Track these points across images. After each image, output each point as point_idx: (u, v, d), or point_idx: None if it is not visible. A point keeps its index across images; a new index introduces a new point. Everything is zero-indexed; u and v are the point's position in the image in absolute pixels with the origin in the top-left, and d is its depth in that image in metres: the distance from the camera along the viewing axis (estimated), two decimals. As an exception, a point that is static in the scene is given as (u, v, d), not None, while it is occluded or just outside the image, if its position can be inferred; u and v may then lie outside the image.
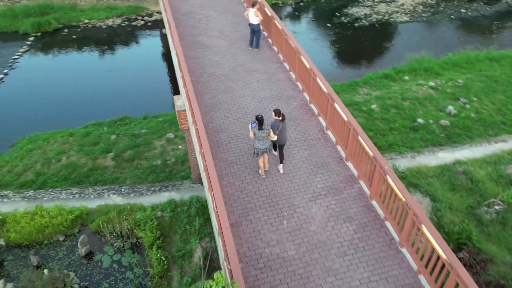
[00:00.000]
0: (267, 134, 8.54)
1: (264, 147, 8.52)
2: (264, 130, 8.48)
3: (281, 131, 8.65)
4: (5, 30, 26.30)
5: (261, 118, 8.42)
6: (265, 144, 8.52)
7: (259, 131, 8.43)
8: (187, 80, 9.11)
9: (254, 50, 12.55)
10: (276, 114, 8.69)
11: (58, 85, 21.26)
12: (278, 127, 8.61)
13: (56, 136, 17.48)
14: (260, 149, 8.54)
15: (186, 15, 14.58)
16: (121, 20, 27.66)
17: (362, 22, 27.68)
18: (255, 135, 8.50)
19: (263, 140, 8.52)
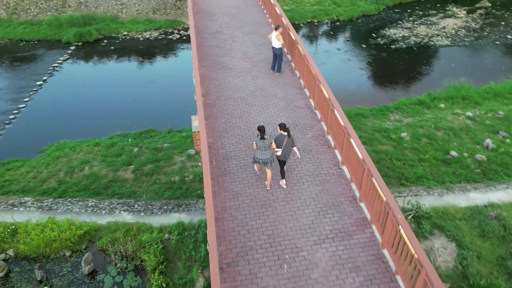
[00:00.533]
0: (268, 144, 8.46)
1: (264, 158, 8.42)
2: (266, 140, 8.40)
3: (285, 147, 8.42)
4: (50, 39, 27.37)
5: (262, 128, 8.39)
6: (266, 155, 8.43)
7: (260, 140, 8.38)
8: (198, 106, 8.75)
9: (275, 74, 12.07)
10: (281, 128, 8.48)
11: (91, 93, 21.71)
12: (282, 142, 8.41)
13: (82, 144, 17.71)
14: (260, 159, 8.47)
15: (212, 34, 14.37)
16: (158, 33, 28.10)
17: (399, 44, 26.58)
18: (257, 145, 8.45)
19: (265, 151, 8.44)
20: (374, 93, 21.85)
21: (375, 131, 17.64)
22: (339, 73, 23.47)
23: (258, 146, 8.40)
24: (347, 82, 22.64)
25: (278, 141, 8.46)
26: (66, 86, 22.48)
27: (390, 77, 23.35)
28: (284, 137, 8.42)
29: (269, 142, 8.46)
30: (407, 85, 22.63)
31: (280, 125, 8.53)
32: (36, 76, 23.35)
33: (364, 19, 30.45)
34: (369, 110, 19.51)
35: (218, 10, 16.27)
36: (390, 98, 21.29)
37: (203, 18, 15.25)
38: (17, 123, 19.69)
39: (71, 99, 21.28)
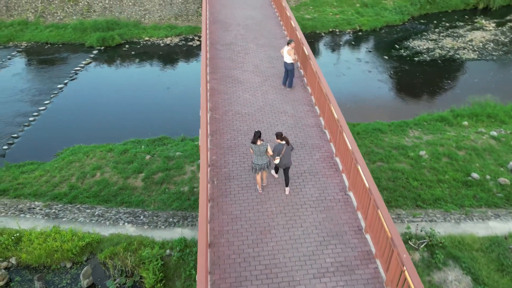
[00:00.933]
0: (264, 150, 8.44)
1: (261, 163, 8.43)
2: (260, 146, 8.36)
3: (284, 155, 8.36)
4: (74, 42, 27.77)
5: (257, 133, 8.39)
6: (262, 160, 8.45)
7: (255, 146, 8.37)
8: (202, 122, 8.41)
9: (286, 89, 11.64)
10: (278, 137, 8.47)
11: (109, 98, 21.81)
12: (280, 151, 8.36)
13: (96, 150, 17.71)
14: (257, 165, 8.47)
15: (226, 46, 14.06)
16: (178, 39, 28.10)
17: (423, 57, 25.64)
18: (253, 150, 8.44)
19: (261, 156, 8.43)
20: (394, 107, 21.05)
21: (393, 148, 16.91)
22: (358, 84, 22.79)
23: (254, 151, 8.44)
24: (366, 94, 21.94)
25: (277, 150, 8.41)
26: (85, 90, 22.68)
27: (412, 90, 22.47)
28: (282, 146, 8.38)
29: (264, 148, 8.45)
30: (429, 100, 21.71)
31: (276, 135, 8.47)
32: (58, 79, 23.67)
33: (388, 30, 29.60)
34: (387, 125, 18.77)
35: (234, 20, 15.97)
36: (411, 113, 20.44)
37: (218, 29, 14.97)
38: (36, 125, 19.93)
39: (89, 103, 21.43)
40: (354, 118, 19.99)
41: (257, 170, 8.48)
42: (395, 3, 31.63)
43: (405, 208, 14.00)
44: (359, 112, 20.59)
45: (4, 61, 25.73)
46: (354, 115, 20.33)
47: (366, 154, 16.57)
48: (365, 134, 18.08)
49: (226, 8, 17.32)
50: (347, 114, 20.43)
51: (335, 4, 31.75)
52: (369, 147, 17.04)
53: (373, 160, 16.14)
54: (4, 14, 29.79)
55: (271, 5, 17.77)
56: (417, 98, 21.85)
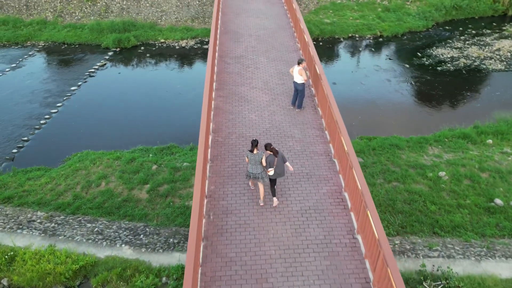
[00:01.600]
0: (259, 159, 8.40)
1: (255, 172, 8.42)
2: (256, 155, 8.34)
3: (277, 166, 8.36)
4: (90, 43, 27.46)
5: (254, 142, 8.35)
6: (257, 169, 8.42)
7: (251, 154, 8.33)
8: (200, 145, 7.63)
9: (295, 110, 10.72)
10: (266, 149, 8.43)
11: (121, 102, 21.32)
12: (272, 162, 8.35)
13: (103, 157, 17.21)
14: (251, 173, 8.50)
15: (235, 59, 13.20)
16: (194, 42, 27.42)
17: (446, 66, 24.19)
18: (248, 158, 8.43)
19: (255, 165, 8.42)
20: (413, 120, 19.81)
21: (410, 167, 15.80)
22: (376, 94, 21.61)
23: (249, 159, 8.40)
24: (384, 105, 20.76)
25: (269, 162, 8.40)
26: (98, 93, 22.27)
27: (433, 103, 21.16)
28: (273, 158, 8.40)
29: (260, 157, 8.39)
30: (452, 113, 20.35)
31: (265, 146, 8.46)
32: (72, 81, 23.35)
33: (410, 36, 28.17)
34: (405, 141, 17.62)
35: (246, 31, 15.06)
36: (431, 128, 19.20)
37: (229, 40, 14.10)
38: (47, 129, 19.61)
39: (100, 107, 20.99)
40: (370, 131, 18.92)
41: (250, 177, 8.53)
42: (419, 8, 30.11)
43: (421, 236, 12.95)
44: (376, 124, 19.47)
45: (20, 60, 25.60)
46: (370, 127, 19.25)
47: (381, 172, 15.53)
48: (381, 150, 17.00)
49: (239, 16, 16.37)
50: (364, 126, 19.42)
51: (355, 8, 30.46)
52: (385, 164, 15.97)
53: (388, 179, 15.08)
54: (24, 13, 29.74)
55: (286, 14, 16.75)
56: (439, 111, 20.53)
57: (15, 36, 27.82)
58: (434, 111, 20.57)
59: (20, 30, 28.43)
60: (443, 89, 22.22)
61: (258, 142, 8.38)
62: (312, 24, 28.04)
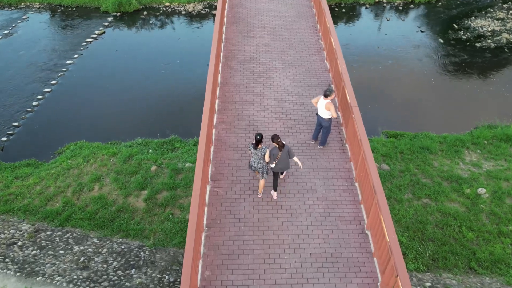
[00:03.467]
0: (262, 154, 8.09)
1: (257, 166, 8.17)
2: (259, 150, 8.03)
3: (280, 160, 7.82)
4: (89, 6, 24.18)
5: (259, 138, 7.87)
6: (259, 164, 8.15)
7: (254, 150, 8.03)
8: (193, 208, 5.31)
9: (317, 147, 8.10)
10: (273, 141, 7.79)
11: (120, 80, 18.67)
12: (276, 155, 7.85)
13: (98, 152, 15.03)
14: (253, 166, 8.28)
15: (244, 63, 10.24)
16: (202, 6, 23.87)
17: (486, 42, 20.55)
18: (251, 152, 8.15)
19: (258, 160, 8.16)
20: (446, 113, 16.85)
21: (444, 179, 13.29)
22: (405, 77, 18.46)
23: (252, 153, 8.12)
24: (413, 91, 17.72)
25: (272, 155, 7.91)
26: (94, 69, 19.55)
27: (471, 90, 17.98)
28: (277, 151, 7.88)
29: (263, 152, 8.04)
30: (492, 105, 17.25)
31: (272, 137, 7.83)
32: (68, 53, 20.57)
33: (446, 2, 24.05)
34: (438, 141, 14.91)
35: (259, 20, 11.82)
36: (468, 122, 16.32)
37: (237, 33, 10.99)
38: (39, 112, 17.30)
39: (97, 87, 18.41)
40: (397, 124, 16.18)
41: (252, 170, 8.20)
42: (457, -33, 25.49)
43: (455, 272, 10.82)
44: (403, 116, 16.65)
45: (14, 26, 22.67)
46: (398, 119, 16.46)
47: (410, 185, 13.09)
48: (409, 154, 14.39)
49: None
50: (389, 118, 16.59)
51: (384, -33, 25.95)
52: (414, 174, 13.47)
53: (418, 195, 12.69)
54: (16, -31, 26.10)
55: None
56: (476, 101, 17.44)
57: (7, -4, 24.59)
58: (471, 100, 17.49)
59: (13, -11, 25.07)
60: (481, 71, 18.89)
61: (262, 137, 7.76)
62: (334, -14, 24.03)
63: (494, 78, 18.54)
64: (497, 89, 17.93)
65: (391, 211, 12.31)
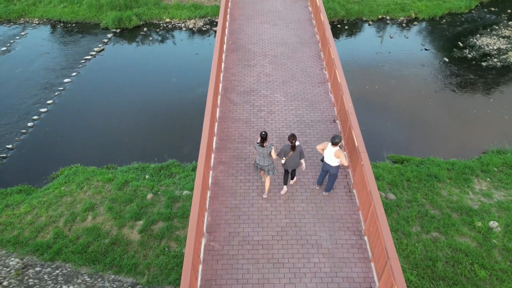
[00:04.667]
0: (268, 152, 8.06)
1: (262, 164, 8.11)
2: (265, 148, 7.98)
3: (290, 158, 7.89)
4: (88, 21, 23.61)
5: (264, 135, 7.91)
6: (264, 162, 8.12)
7: (260, 147, 7.96)
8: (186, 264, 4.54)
9: (322, 193, 7.34)
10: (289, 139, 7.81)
11: (119, 99, 17.95)
12: (287, 153, 7.93)
13: (93, 178, 14.29)
14: (258, 164, 8.20)
15: (244, 96, 9.49)
16: (203, 23, 23.25)
17: (492, 61, 19.83)
18: (257, 150, 8.07)
19: (263, 158, 8.13)
20: (453, 136, 16.08)
21: (453, 210, 12.49)
22: (410, 98, 17.71)
23: (258, 151, 8.05)
24: (419, 112, 16.96)
25: (283, 151, 7.97)
26: (93, 87, 18.88)
27: (477, 111, 17.21)
28: (288, 149, 7.91)
29: (268, 150, 8.00)
30: (500, 128, 16.47)
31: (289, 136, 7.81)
32: (65, 71, 19.93)
33: (450, 19, 23.37)
34: (445, 168, 14.12)
35: (260, 48, 11.07)
36: (476, 147, 15.53)
37: (237, 62, 10.24)
38: (34, 134, 16.59)
39: (95, 106, 17.71)
40: (403, 148, 15.40)
41: (257, 168, 8.13)
42: (461, -16, 24.86)
43: (468, 316, 9.98)
44: (409, 138, 15.87)
45: (12, 42, 22.08)
46: (403, 142, 15.69)
47: (418, 217, 12.29)
48: (416, 181, 13.60)
49: (251, 22, 12.07)
50: (394, 140, 15.82)
51: (387, -18, 25.34)
52: (422, 205, 12.67)
53: (426, 228, 11.88)
54: (17, -16, 25.62)
55: (311, 20, 12.50)
56: (484, 124, 16.65)
57: (7, 11, 24.07)
58: (479, 122, 16.70)
59: (13, 4, 24.59)
60: (488, 92, 18.14)
61: (267, 135, 7.82)
62: (336, 2, 23.42)
63: (502, 100, 17.78)
64: (505, 111, 17.16)
65: (399, 245, 11.52)
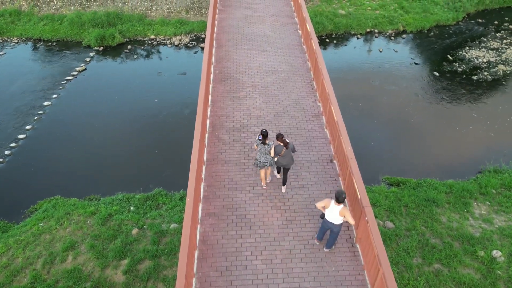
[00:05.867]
0: (268, 150, 8.29)
1: (264, 161, 8.32)
2: (267, 146, 8.21)
3: (283, 156, 8.19)
4: (70, 39, 22.48)
5: (265, 133, 8.12)
6: (265, 159, 8.33)
7: (261, 144, 8.15)
8: None
9: (322, 249, 6.50)
10: (278, 139, 8.18)
11: (101, 124, 16.89)
12: (279, 152, 8.19)
13: (74, 212, 13.23)
14: (260, 162, 8.38)
15: (233, 133, 8.59)
16: (189, 39, 22.35)
17: (482, 75, 19.37)
18: (258, 148, 8.25)
19: (264, 155, 8.32)
20: (448, 155, 15.46)
21: (454, 239, 11.79)
22: (401, 115, 17.07)
23: (259, 149, 8.24)
24: (412, 130, 16.32)
25: (276, 151, 8.24)
26: (74, 110, 17.80)
27: (471, 127, 16.65)
28: (281, 148, 8.18)
29: (269, 148, 8.27)
30: (496, 145, 15.91)
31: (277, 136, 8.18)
32: (46, 93, 18.80)
33: (438, 32, 22.93)
34: (443, 193, 13.44)
35: (249, 77, 10.19)
36: (472, 167, 14.92)
37: (225, 94, 9.33)
38: (11, 163, 15.44)
39: (76, 131, 16.63)
40: (397, 169, 14.71)
41: (260, 166, 8.34)
42: (447, -4, 24.50)
43: None
44: (403, 159, 15.20)
45: (-11, 64, 20.82)
46: (397, 162, 15.00)
47: (418, 247, 11.55)
48: (415, 207, 12.89)
49: (239, 49, 11.15)
50: (388, 160, 15.08)
51: (374, -5, 24.86)
52: (422, 233, 11.95)
53: (428, 260, 11.15)
54: (-5, 1, 24.39)
55: (301, 45, 11.65)
56: (479, 141, 16.09)
57: (-16, 30, 22.79)
58: (473, 139, 16.14)
59: (-10, 22, 23.30)
60: (481, 107, 17.62)
61: (267, 133, 8.12)
62: (324, 16, 22.79)
63: (495, 115, 17.27)
64: (500, 127, 16.63)
65: (400, 280, 10.76)
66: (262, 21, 13.76)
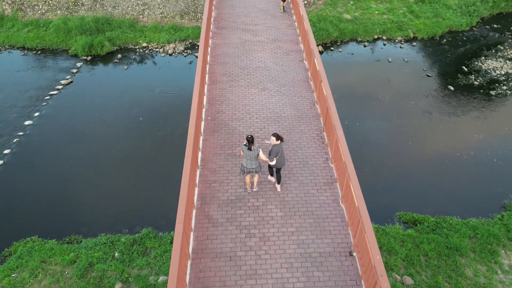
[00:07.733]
0: (255, 155, 7.87)
1: (250, 167, 7.90)
2: (253, 151, 7.75)
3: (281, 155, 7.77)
4: (56, 48, 20.20)
5: (250, 139, 7.66)
6: (252, 164, 7.91)
7: (248, 150, 7.72)
8: None
9: None
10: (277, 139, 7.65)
11: (84, 149, 14.82)
12: (278, 152, 7.71)
13: (51, 260, 11.33)
14: (246, 168, 7.96)
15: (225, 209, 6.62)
16: (183, 47, 20.06)
17: (501, 89, 17.22)
18: (244, 153, 7.82)
19: (251, 160, 7.91)
20: (467, 187, 13.45)
21: (483, 301, 9.88)
22: (415, 139, 14.99)
23: (245, 155, 7.80)
24: (426, 160, 14.26)
25: (275, 152, 7.72)
26: (58, 130, 15.73)
27: (492, 156, 14.59)
28: (279, 147, 7.71)
29: (256, 153, 7.80)
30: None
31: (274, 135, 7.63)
32: (28, 110, 16.68)
33: (451, 38, 20.62)
34: (467, 237, 11.48)
35: (247, 126, 7.95)
36: (495, 202, 12.93)
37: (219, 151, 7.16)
38: (-14, 195, 13.41)
39: (58, 157, 14.58)
40: (411, 203, 12.73)
41: (246, 172, 7.91)
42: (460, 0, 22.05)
43: None
44: (417, 191, 13.18)
45: (-32, 76, 18.58)
46: (411, 196, 13.01)
47: (442, 310, 9.66)
48: (436, 256, 10.97)
49: (236, 86, 8.73)
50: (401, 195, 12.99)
51: (382, -2, 22.43)
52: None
53: (454, 328, 9.27)
54: (-24, 5, 21.96)
55: (309, 82, 9.40)
56: (501, 170, 14.04)
57: (-36, 38, 20.47)
58: (494, 168, 14.10)
59: (-29, 29, 20.96)
60: (501, 129, 15.51)
61: (253, 138, 7.63)
62: (328, 21, 20.45)
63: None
64: (523, 152, 14.57)
65: None
66: (262, 48, 11.65)
